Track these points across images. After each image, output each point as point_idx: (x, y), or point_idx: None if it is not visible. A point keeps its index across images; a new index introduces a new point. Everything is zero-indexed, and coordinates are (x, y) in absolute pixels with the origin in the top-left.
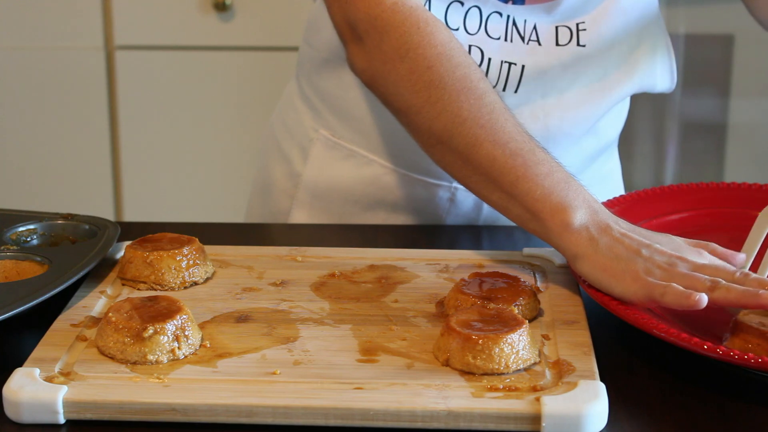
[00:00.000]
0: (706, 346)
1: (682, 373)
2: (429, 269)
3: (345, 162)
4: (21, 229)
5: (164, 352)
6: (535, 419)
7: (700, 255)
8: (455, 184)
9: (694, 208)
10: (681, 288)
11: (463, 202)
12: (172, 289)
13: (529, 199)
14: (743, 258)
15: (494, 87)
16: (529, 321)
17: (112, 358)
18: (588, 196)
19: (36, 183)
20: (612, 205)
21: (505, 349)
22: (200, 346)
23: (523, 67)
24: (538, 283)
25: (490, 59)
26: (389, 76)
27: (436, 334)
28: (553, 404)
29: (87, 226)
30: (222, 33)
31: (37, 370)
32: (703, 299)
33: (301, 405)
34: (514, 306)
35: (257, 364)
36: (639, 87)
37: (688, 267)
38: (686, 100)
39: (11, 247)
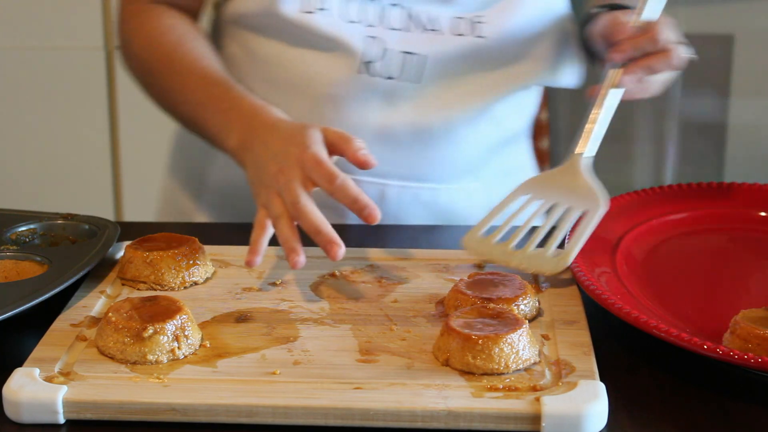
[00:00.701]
0: (706, 346)
1: (682, 373)
2: (429, 269)
3: None
4: (21, 229)
5: (164, 352)
6: (535, 419)
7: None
8: (357, 177)
9: (694, 208)
10: (252, 243)
11: (368, 194)
12: (172, 289)
13: (210, 133)
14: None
15: (393, 78)
16: (529, 321)
17: (112, 358)
18: (252, 113)
19: (36, 183)
20: (612, 204)
21: (505, 349)
22: (200, 346)
23: (423, 56)
24: (538, 283)
25: (390, 50)
26: (130, 72)
27: (436, 334)
28: (553, 404)
29: (87, 226)
30: None
31: (37, 370)
32: (255, 262)
33: (301, 405)
34: (514, 306)
35: (257, 364)
36: (541, 80)
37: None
38: (686, 100)
39: (11, 247)
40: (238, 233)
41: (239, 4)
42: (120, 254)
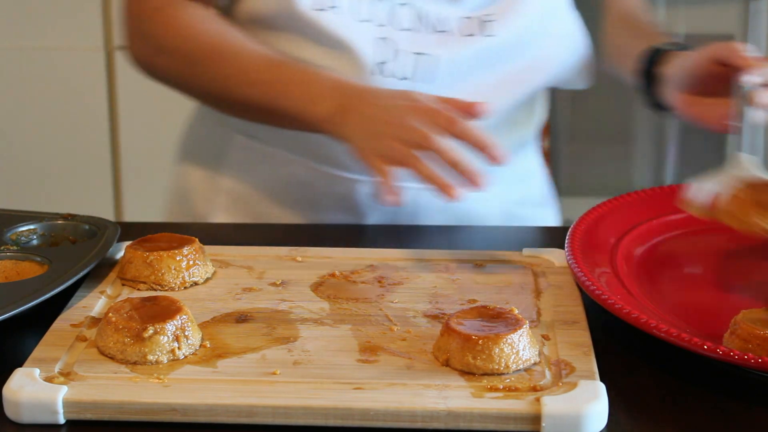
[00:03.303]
0: (706, 346)
1: (682, 373)
2: (429, 269)
3: (262, 163)
4: (21, 229)
5: (164, 352)
6: (535, 419)
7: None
8: (400, 183)
9: None
10: (382, 181)
11: (409, 202)
12: (172, 289)
13: (287, 109)
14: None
15: (406, 79)
16: None
17: (112, 358)
18: (335, 80)
19: (36, 183)
20: (612, 204)
21: (505, 349)
22: (200, 346)
23: (434, 57)
24: (538, 283)
25: (401, 51)
26: (158, 70)
27: (436, 334)
28: (553, 404)
29: (87, 226)
30: None
31: (37, 370)
32: (392, 201)
33: (301, 405)
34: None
35: (257, 364)
36: (552, 81)
37: (403, 132)
38: None
39: (11, 247)
40: (239, 233)
41: (254, 4)
42: (120, 254)
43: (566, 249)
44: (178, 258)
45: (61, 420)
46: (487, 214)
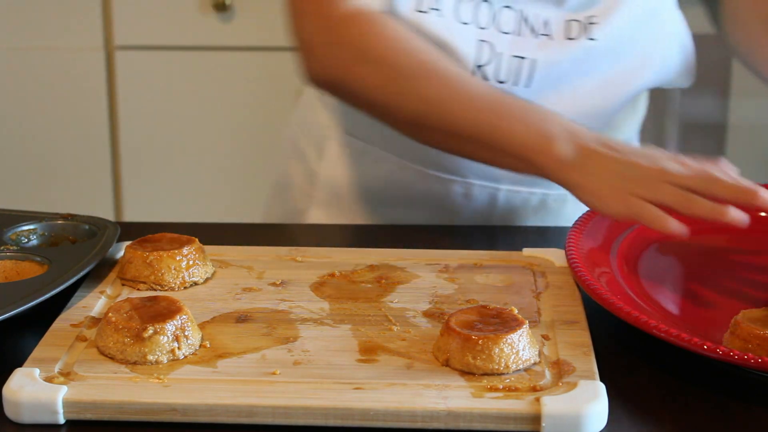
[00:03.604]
0: (706, 346)
1: (682, 373)
2: (429, 269)
3: (360, 159)
4: (21, 229)
5: (164, 352)
6: (535, 419)
7: (682, 165)
8: (470, 180)
9: None
10: (656, 211)
11: (477, 197)
12: (172, 289)
13: (511, 145)
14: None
15: (504, 82)
16: None
17: (112, 358)
18: (565, 123)
19: (36, 183)
20: None
21: (505, 349)
22: (200, 346)
23: (534, 61)
24: (538, 283)
25: (501, 54)
26: (353, 80)
27: (436, 334)
28: (552, 404)
29: (87, 226)
30: (222, 33)
31: (37, 371)
32: (673, 226)
33: (301, 405)
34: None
35: (257, 364)
36: (655, 81)
37: (672, 179)
38: (686, 100)
39: (11, 247)
40: (238, 233)
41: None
42: (120, 254)
43: (566, 249)
44: (178, 258)
45: (61, 420)
46: (580, 212)
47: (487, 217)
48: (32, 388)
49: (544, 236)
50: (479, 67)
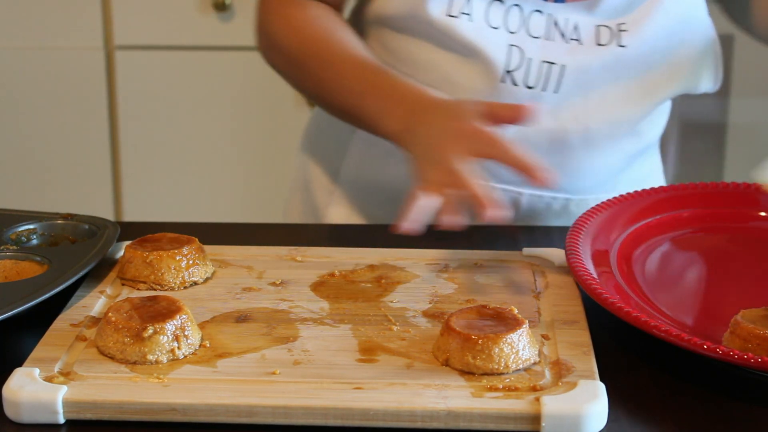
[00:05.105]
0: (706, 346)
1: (682, 373)
2: (429, 269)
3: (383, 159)
4: (21, 229)
5: (164, 352)
6: (535, 419)
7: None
8: (495, 184)
9: (694, 208)
10: (412, 208)
11: (526, 207)
12: (172, 289)
13: (366, 122)
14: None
15: (533, 88)
16: None
17: (111, 358)
18: (404, 96)
19: (36, 183)
20: (613, 204)
21: (505, 349)
22: (200, 346)
23: (563, 66)
24: (538, 283)
25: (530, 59)
26: (273, 65)
27: (436, 334)
28: (552, 404)
29: (87, 226)
30: (222, 33)
31: (37, 370)
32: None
33: (301, 405)
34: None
35: (257, 364)
36: (682, 88)
37: (441, 182)
38: (686, 100)
39: (11, 247)
40: (238, 233)
41: (384, 5)
42: (120, 254)
43: (566, 249)
44: (177, 258)
45: (61, 420)
46: None
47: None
48: (32, 387)
49: (544, 236)
50: (508, 72)
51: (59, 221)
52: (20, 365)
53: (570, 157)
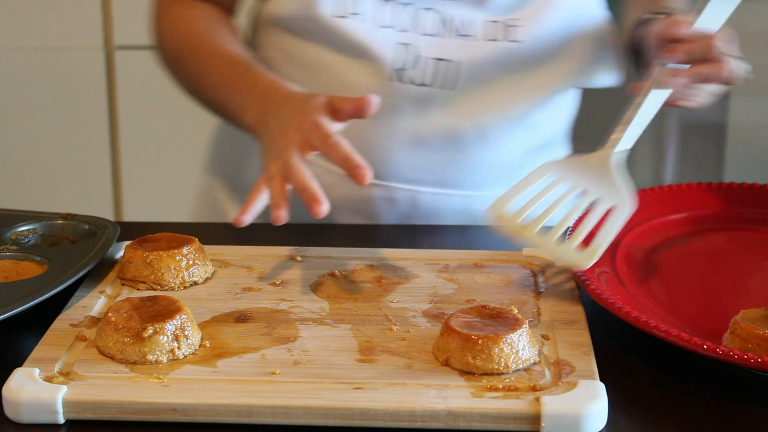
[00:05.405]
0: (706, 346)
1: (682, 373)
2: (429, 269)
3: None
4: (21, 229)
5: (164, 352)
6: (535, 419)
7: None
8: (392, 184)
9: (694, 208)
10: (277, 196)
11: (400, 201)
12: (172, 289)
13: (230, 116)
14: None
15: (427, 85)
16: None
17: (111, 358)
18: (262, 90)
19: (36, 183)
20: None
21: (505, 349)
22: (200, 346)
23: (458, 63)
24: (538, 283)
25: (423, 57)
26: (161, 62)
27: (436, 334)
28: (552, 404)
29: (87, 226)
30: None
31: (37, 370)
32: (242, 221)
33: (301, 405)
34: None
35: (257, 363)
36: (578, 82)
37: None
38: None
39: (11, 247)
40: (238, 233)
41: (277, 5)
42: (120, 254)
43: None
44: (177, 258)
45: (61, 420)
46: None
47: (407, 219)
48: (32, 387)
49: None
50: (399, 70)
51: (59, 221)
52: (20, 365)
53: (464, 153)
